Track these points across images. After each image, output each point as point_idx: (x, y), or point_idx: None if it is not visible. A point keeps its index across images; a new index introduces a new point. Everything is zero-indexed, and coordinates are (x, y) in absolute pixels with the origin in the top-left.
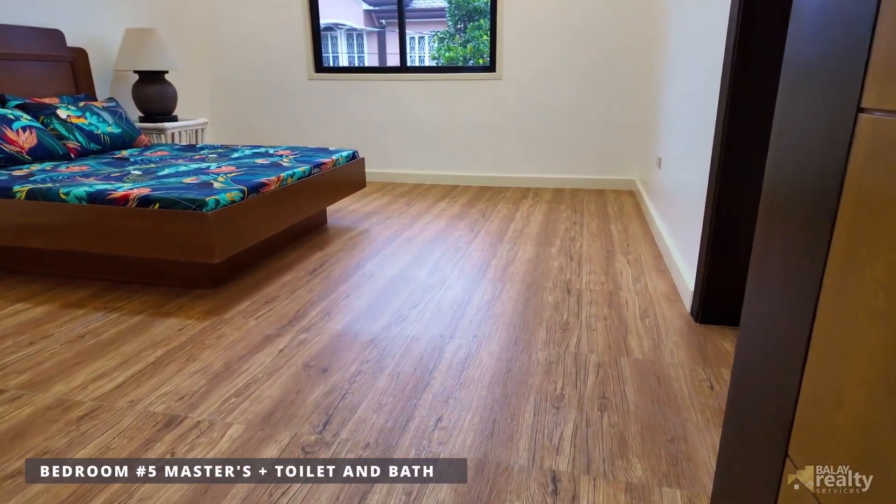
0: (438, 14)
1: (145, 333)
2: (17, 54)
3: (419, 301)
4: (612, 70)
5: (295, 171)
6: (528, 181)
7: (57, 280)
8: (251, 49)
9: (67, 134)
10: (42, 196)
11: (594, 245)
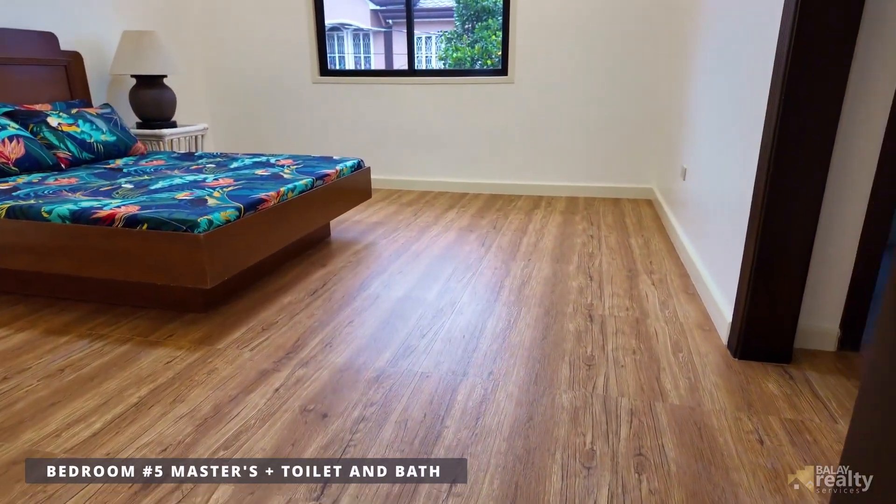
0: (446, 14)
1: (130, 367)
2: (7, 58)
3: (428, 329)
4: (629, 73)
5: (296, 185)
6: (541, 189)
7: (43, 301)
8: (254, 51)
9: (58, 143)
10: (23, 214)
11: (615, 262)
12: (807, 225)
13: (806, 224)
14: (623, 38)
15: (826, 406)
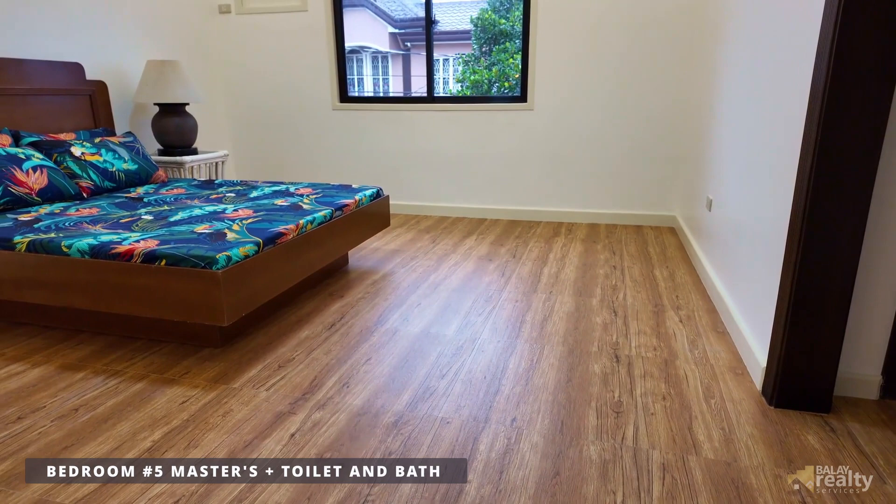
0: (464, 37)
1: (145, 407)
2: (34, 89)
3: (448, 368)
4: (651, 99)
5: (315, 216)
6: (560, 215)
7: (60, 334)
8: (275, 79)
9: (81, 172)
10: (43, 249)
11: (639, 296)
12: (847, 262)
13: (846, 262)
14: (645, 64)
15: (873, 464)
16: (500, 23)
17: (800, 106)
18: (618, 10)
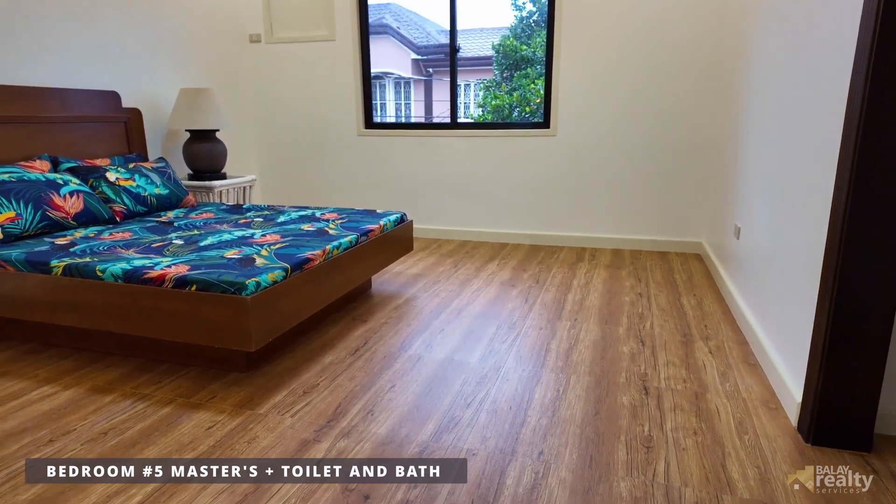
0: (485, 62)
1: (172, 432)
2: (73, 116)
3: (472, 397)
4: (676, 125)
5: (341, 242)
6: (583, 241)
7: (90, 356)
8: (302, 105)
9: (114, 197)
10: (78, 273)
11: (667, 325)
12: (887, 292)
13: (886, 291)
14: (670, 89)
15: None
16: (522, 49)
17: (834, 130)
18: (642, 35)
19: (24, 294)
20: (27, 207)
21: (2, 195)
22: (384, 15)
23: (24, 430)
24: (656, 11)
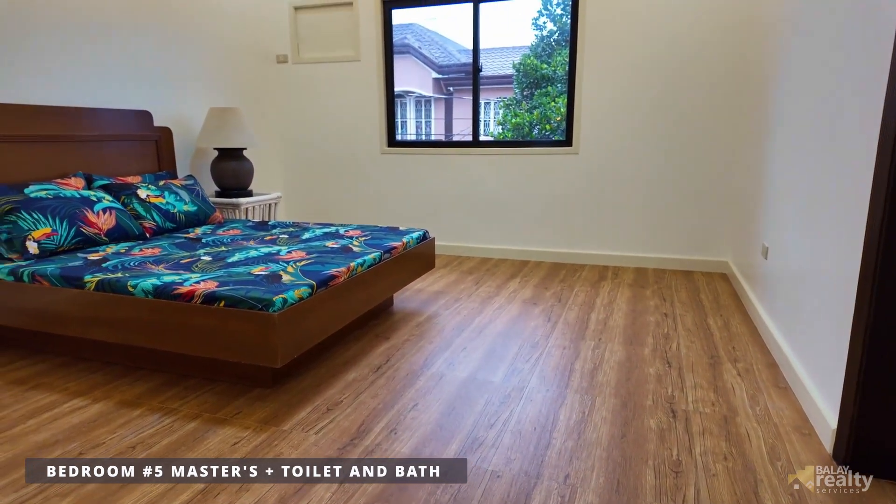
0: (505, 81)
1: (198, 447)
2: (107, 135)
3: (496, 418)
4: (700, 143)
5: (365, 259)
6: (606, 259)
7: (119, 370)
8: (326, 124)
9: (145, 213)
10: (110, 288)
11: (694, 347)
12: None
13: None
14: (695, 107)
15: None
16: (542, 68)
17: (868, 146)
18: (664, 52)
19: (57, 308)
20: (62, 223)
21: (39, 211)
22: (406, 35)
23: (56, 442)
24: (679, 28)
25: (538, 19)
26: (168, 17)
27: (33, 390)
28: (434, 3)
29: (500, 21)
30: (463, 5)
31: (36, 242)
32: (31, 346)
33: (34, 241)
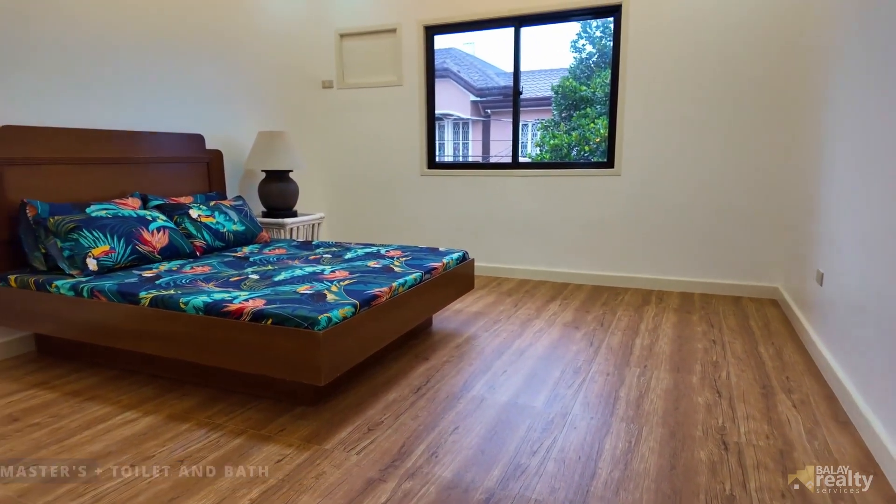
0: (544, 103)
1: (243, 463)
2: (162, 157)
3: (539, 444)
4: (749, 163)
5: (406, 279)
6: (649, 282)
7: (167, 384)
8: (369, 146)
9: (196, 233)
10: (163, 304)
11: (744, 375)
12: None
13: None
14: (742, 126)
15: None
16: (581, 89)
17: None
18: (709, 71)
19: (113, 323)
20: (120, 241)
21: (99, 230)
22: (445, 59)
23: (109, 453)
24: (724, 46)
25: (577, 42)
26: (222, 46)
27: (89, 401)
28: (476, 29)
29: (538, 44)
30: (504, 30)
31: (95, 259)
32: (87, 358)
33: (94, 259)
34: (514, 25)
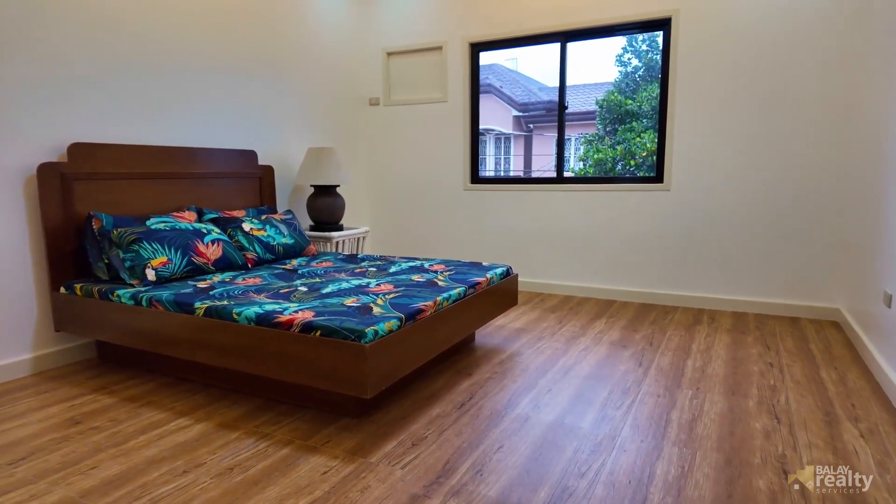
0: (587, 117)
1: (290, 474)
2: (217, 173)
3: (587, 467)
4: (805, 177)
5: (450, 294)
6: (700, 301)
7: (218, 392)
8: (413, 161)
9: (248, 245)
10: (217, 314)
11: (805, 401)
12: None
13: None
14: (796, 140)
15: None
16: (627, 103)
17: None
18: (762, 84)
19: (169, 331)
20: (177, 253)
21: (158, 242)
22: (488, 76)
23: (163, 459)
24: (780, 59)
25: (622, 56)
26: (275, 67)
27: (144, 407)
28: (523, 45)
29: (583, 59)
30: (549, 45)
31: (154, 270)
32: (143, 365)
33: (152, 269)
34: (561, 41)
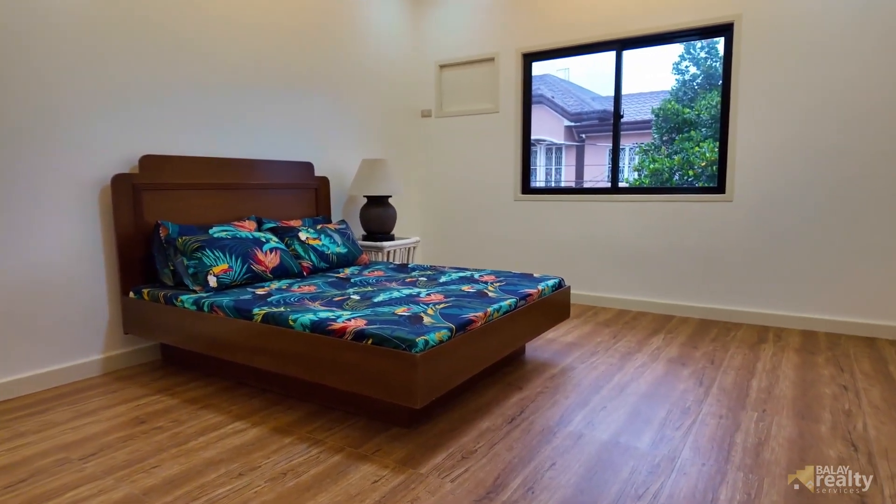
0: (642, 127)
1: (341, 482)
2: (276, 184)
3: (644, 489)
4: (883, 189)
5: (501, 305)
6: (765, 318)
7: (273, 398)
8: (464, 172)
9: (304, 254)
10: (274, 321)
11: (885, 429)
12: None
13: None
14: (867, 150)
15: None
16: (684, 112)
17: None
18: (830, 91)
19: (228, 337)
20: (237, 261)
21: (219, 249)
22: (539, 86)
23: (220, 461)
24: (847, 66)
25: (680, 63)
26: (331, 82)
27: (204, 409)
28: (576, 54)
29: (638, 67)
30: (603, 54)
31: (215, 277)
32: (204, 369)
33: (214, 276)
34: (616, 49)
